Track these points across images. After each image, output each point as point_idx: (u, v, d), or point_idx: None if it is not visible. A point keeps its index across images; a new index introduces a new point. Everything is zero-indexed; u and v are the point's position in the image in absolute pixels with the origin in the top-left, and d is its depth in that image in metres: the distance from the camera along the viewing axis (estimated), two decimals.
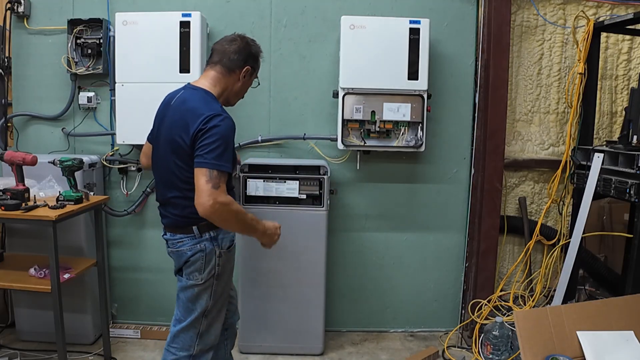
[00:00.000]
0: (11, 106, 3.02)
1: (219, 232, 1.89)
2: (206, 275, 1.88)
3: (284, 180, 2.74)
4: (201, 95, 1.84)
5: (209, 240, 1.87)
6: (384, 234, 3.11)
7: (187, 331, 1.92)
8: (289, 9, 2.95)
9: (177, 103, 1.86)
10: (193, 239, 1.87)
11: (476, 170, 3.00)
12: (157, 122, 1.95)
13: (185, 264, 1.89)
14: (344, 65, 2.74)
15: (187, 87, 1.92)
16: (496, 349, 2.63)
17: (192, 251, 1.87)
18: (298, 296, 2.80)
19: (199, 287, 1.89)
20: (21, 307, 2.89)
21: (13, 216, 2.24)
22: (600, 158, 2.75)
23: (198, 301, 1.91)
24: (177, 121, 1.80)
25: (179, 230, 1.89)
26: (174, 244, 1.91)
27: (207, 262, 1.88)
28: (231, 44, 1.89)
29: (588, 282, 3.24)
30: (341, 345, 3.01)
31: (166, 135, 1.84)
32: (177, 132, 1.78)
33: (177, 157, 1.80)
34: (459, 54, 2.98)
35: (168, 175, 1.85)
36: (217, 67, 1.90)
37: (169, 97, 1.95)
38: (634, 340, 2.17)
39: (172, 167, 1.82)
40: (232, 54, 1.88)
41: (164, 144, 1.85)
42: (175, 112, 1.83)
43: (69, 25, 2.84)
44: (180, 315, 1.93)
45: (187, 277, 1.89)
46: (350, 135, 2.85)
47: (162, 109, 1.94)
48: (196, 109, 1.77)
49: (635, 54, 3.16)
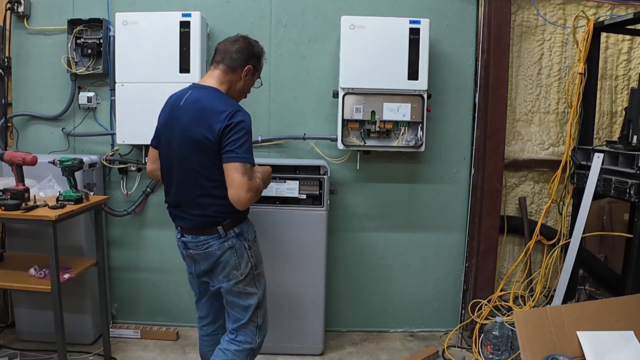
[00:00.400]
0: (11, 106, 3.02)
1: (243, 227, 1.96)
2: (244, 269, 1.95)
3: (284, 180, 2.74)
4: (214, 93, 1.88)
5: (235, 237, 1.93)
6: (384, 234, 3.11)
7: (247, 326, 2.00)
8: (289, 9, 2.95)
9: (188, 103, 1.87)
10: (219, 239, 1.90)
11: (476, 170, 3.00)
12: (165, 125, 1.95)
13: (218, 266, 1.93)
14: (344, 65, 2.74)
15: (194, 86, 1.94)
16: (496, 349, 2.63)
17: (221, 250, 1.91)
18: (298, 296, 2.80)
19: (243, 282, 1.95)
20: (21, 307, 2.89)
21: (13, 216, 2.24)
22: (600, 158, 2.75)
23: (248, 296, 1.98)
24: (195, 120, 1.82)
25: (202, 232, 1.91)
26: (197, 246, 1.93)
27: (240, 257, 1.94)
28: (234, 44, 1.94)
29: (588, 282, 3.24)
30: (341, 345, 3.01)
31: (184, 136, 1.85)
32: (198, 131, 1.80)
33: (201, 156, 1.82)
34: (459, 54, 2.98)
35: (191, 175, 1.87)
36: (220, 66, 1.93)
37: (174, 98, 1.96)
38: (634, 340, 2.17)
39: (195, 167, 1.84)
40: (234, 53, 1.92)
41: (182, 145, 1.86)
42: (189, 111, 1.85)
43: (69, 25, 2.84)
44: (238, 315, 1.99)
45: (226, 278, 1.94)
46: (350, 135, 2.85)
47: (169, 111, 1.95)
48: (215, 106, 1.81)
49: (635, 54, 3.16)
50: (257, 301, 2.01)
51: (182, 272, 3.08)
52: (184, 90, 1.94)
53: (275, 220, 2.76)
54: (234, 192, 1.77)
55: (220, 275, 1.95)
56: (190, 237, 1.94)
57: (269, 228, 2.75)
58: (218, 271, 1.95)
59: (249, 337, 2.01)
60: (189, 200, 1.90)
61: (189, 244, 1.96)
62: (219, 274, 1.95)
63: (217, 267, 1.94)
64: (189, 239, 1.95)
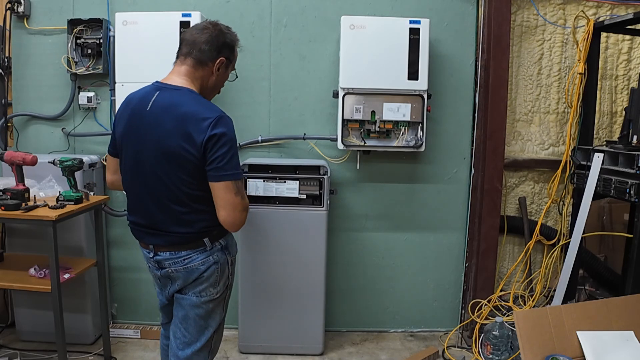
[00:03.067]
0: (11, 106, 3.02)
1: (228, 239, 1.77)
2: (221, 288, 1.76)
3: (284, 180, 2.74)
4: (189, 95, 1.62)
5: (221, 250, 1.73)
6: (384, 234, 3.11)
7: (200, 352, 1.76)
8: (289, 9, 2.95)
9: (159, 108, 1.60)
10: (203, 252, 1.69)
11: (476, 170, 3.00)
12: (127, 132, 1.67)
13: (196, 281, 1.70)
14: (344, 65, 2.74)
15: (160, 86, 1.66)
16: (496, 349, 2.63)
17: (206, 265, 1.69)
18: (298, 296, 2.80)
19: (214, 302, 1.75)
20: (21, 307, 2.89)
21: (13, 216, 2.24)
22: (600, 158, 2.75)
23: (212, 317, 1.77)
24: (171, 130, 1.56)
25: (185, 247, 1.68)
26: (177, 262, 1.69)
27: (222, 273, 1.74)
28: (202, 33, 1.65)
29: (588, 282, 3.23)
30: (341, 345, 3.01)
31: (158, 148, 1.59)
32: (176, 143, 1.55)
33: (181, 171, 1.58)
34: (459, 54, 2.98)
35: (170, 193, 1.62)
36: (187, 60, 1.66)
37: (136, 101, 1.67)
38: (634, 340, 2.17)
39: (175, 183, 1.60)
40: (203, 44, 1.64)
41: (157, 159, 1.60)
42: (163, 119, 1.58)
43: (69, 25, 2.84)
44: (191, 337, 1.74)
45: (199, 294, 1.71)
46: (350, 135, 2.85)
47: (131, 116, 1.66)
48: (195, 112, 1.56)
49: (635, 54, 3.16)
50: (217, 325, 1.80)
51: None
52: (148, 91, 1.66)
53: (275, 220, 2.76)
54: (227, 215, 1.59)
55: (193, 290, 1.72)
56: (168, 253, 1.69)
57: (269, 228, 2.76)
58: (193, 286, 1.72)
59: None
60: (169, 219, 1.65)
61: (164, 263, 1.70)
62: (192, 289, 1.72)
63: (194, 283, 1.71)
64: (165, 256, 1.69)
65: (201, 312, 1.74)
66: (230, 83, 2.96)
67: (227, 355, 2.85)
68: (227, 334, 3.06)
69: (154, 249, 1.72)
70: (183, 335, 1.76)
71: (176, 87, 1.64)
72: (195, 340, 1.75)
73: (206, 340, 1.77)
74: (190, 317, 1.74)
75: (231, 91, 2.97)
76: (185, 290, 1.74)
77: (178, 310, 1.77)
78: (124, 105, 1.72)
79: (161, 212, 1.66)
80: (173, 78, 1.67)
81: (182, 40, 1.70)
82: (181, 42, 1.69)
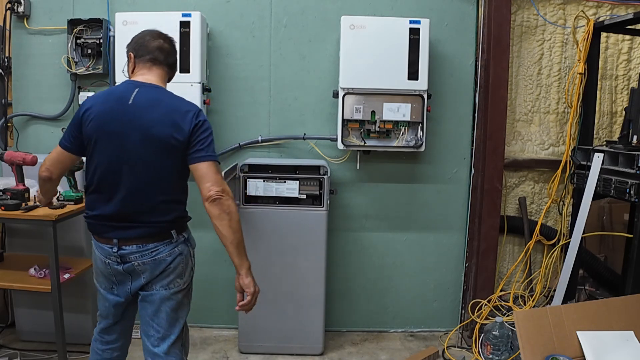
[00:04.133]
0: (11, 106, 3.02)
1: (188, 233, 1.89)
2: (187, 278, 1.85)
3: (284, 180, 2.74)
4: (168, 92, 1.80)
5: (184, 242, 1.83)
6: (384, 234, 3.11)
7: (175, 344, 1.83)
8: (289, 9, 2.95)
9: (142, 101, 1.71)
10: (169, 244, 1.77)
11: (476, 170, 3.00)
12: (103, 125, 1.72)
13: (163, 273, 1.77)
14: (344, 65, 2.74)
15: (138, 84, 1.77)
16: (496, 349, 2.63)
17: (172, 256, 1.78)
18: (298, 296, 2.80)
19: (182, 292, 1.83)
20: (21, 307, 2.89)
21: (13, 216, 2.24)
22: (600, 158, 2.75)
23: (181, 308, 1.85)
24: (160, 120, 1.68)
25: (152, 239, 1.75)
26: (144, 255, 1.74)
27: (186, 264, 1.83)
28: (168, 43, 1.85)
29: (588, 282, 3.23)
30: (341, 345, 3.01)
31: (146, 138, 1.68)
32: (166, 132, 1.68)
33: (168, 159, 1.71)
34: (459, 54, 2.98)
35: (154, 180, 1.72)
36: (162, 66, 1.83)
37: (116, 95, 1.75)
38: (634, 340, 2.17)
39: (160, 171, 1.71)
40: (174, 55, 1.87)
41: (144, 148, 1.69)
42: (149, 110, 1.69)
43: (69, 25, 2.84)
44: (165, 331, 1.81)
45: (167, 287, 1.78)
46: (350, 135, 2.85)
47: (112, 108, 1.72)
48: (180, 106, 1.74)
49: (635, 54, 3.16)
50: (186, 317, 1.88)
51: None
52: (126, 88, 1.76)
53: (275, 220, 2.76)
54: (209, 190, 1.68)
55: (160, 283, 1.78)
56: (135, 246, 1.73)
57: (269, 228, 2.76)
58: (160, 279, 1.78)
59: (179, 358, 1.84)
60: (146, 208, 1.72)
61: (129, 256, 1.74)
62: (159, 282, 1.78)
63: (161, 275, 1.78)
64: (131, 249, 1.73)
65: (172, 304, 1.81)
66: (230, 83, 2.98)
67: (227, 355, 2.85)
68: (227, 334, 3.07)
69: (118, 243, 1.74)
70: (156, 331, 1.81)
71: (154, 85, 1.79)
72: (170, 334, 1.81)
73: (179, 332, 1.83)
74: (162, 310, 1.80)
75: (231, 91, 2.98)
76: (151, 285, 1.79)
77: (146, 309, 1.82)
78: (101, 102, 1.76)
79: (139, 202, 1.73)
80: (149, 78, 1.80)
81: (147, 46, 1.81)
82: (148, 48, 1.81)
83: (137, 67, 1.82)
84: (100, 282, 1.88)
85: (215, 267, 3.08)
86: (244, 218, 2.76)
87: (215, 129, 2.94)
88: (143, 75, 1.80)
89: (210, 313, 3.13)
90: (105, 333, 1.94)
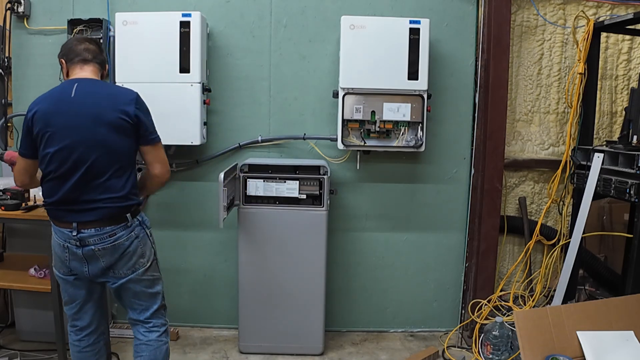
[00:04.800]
0: (11, 106, 3.02)
1: (142, 215, 2.02)
2: (149, 255, 2.00)
3: (284, 180, 2.74)
4: (105, 83, 2.00)
5: (139, 225, 1.96)
6: (384, 234, 3.11)
7: (159, 310, 2.07)
8: (289, 9, 2.95)
9: (84, 93, 1.85)
10: (125, 229, 1.90)
11: (476, 170, 3.01)
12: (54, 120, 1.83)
13: (123, 257, 1.91)
14: (344, 65, 2.74)
15: (76, 80, 1.90)
16: (496, 349, 2.63)
17: (129, 240, 1.91)
18: (298, 296, 2.80)
19: (149, 269, 2.00)
20: (21, 307, 2.89)
21: (13, 216, 2.25)
22: (600, 158, 2.75)
23: (155, 282, 2.04)
24: (106, 106, 1.84)
25: (109, 222, 1.87)
26: (103, 239, 1.86)
27: (144, 245, 1.98)
28: (93, 44, 2.01)
29: (588, 282, 3.24)
30: (341, 345, 3.01)
31: (99, 120, 1.82)
32: (113, 114, 1.83)
33: (119, 137, 1.85)
34: (459, 54, 2.98)
35: (109, 158, 1.84)
36: (92, 63, 1.97)
37: (57, 95, 1.88)
38: (634, 340, 2.18)
39: (112, 147, 1.85)
40: (100, 53, 2.02)
41: (95, 130, 1.82)
42: (92, 98, 1.85)
43: (69, 25, 2.83)
44: (147, 304, 2.03)
45: (132, 269, 1.94)
46: (350, 135, 2.85)
47: (57, 106, 1.85)
48: (118, 92, 1.92)
49: (635, 54, 3.16)
50: (162, 285, 2.09)
51: (182, 272, 3.09)
52: (64, 87, 1.89)
53: (275, 220, 2.76)
54: (162, 167, 1.95)
55: (125, 267, 1.92)
56: (93, 230, 1.84)
57: (269, 228, 2.76)
58: (122, 264, 1.92)
59: (162, 319, 2.09)
60: (101, 185, 1.84)
61: (89, 240, 1.85)
62: (122, 267, 1.92)
63: (122, 260, 1.91)
64: (90, 232, 1.84)
65: (146, 283, 2.00)
66: (230, 83, 2.98)
67: (227, 355, 2.85)
68: (227, 334, 3.08)
69: (77, 227, 1.85)
70: (140, 305, 2.03)
71: (90, 78, 1.95)
72: (152, 304, 2.04)
73: (160, 302, 2.07)
74: (139, 291, 1.99)
75: (231, 91, 2.98)
76: (118, 270, 1.93)
77: (126, 295, 2.00)
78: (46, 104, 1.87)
79: (94, 180, 1.84)
80: (83, 74, 1.94)
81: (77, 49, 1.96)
82: (76, 50, 1.96)
83: (70, 70, 1.97)
84: (58, 267, 1.99)
85: (215, 267, 3.09)
86: (244, 218, 2.76)
87: (215, 128, 2.97)
88: (77, 74, 1.95)
89: (210, 313, 3.13)
90: (75, 320, 2.06)
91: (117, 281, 1.95)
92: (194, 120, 2.74)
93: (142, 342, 2.03)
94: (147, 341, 2.02)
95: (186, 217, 3.06)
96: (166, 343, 2.07)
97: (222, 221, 2.44)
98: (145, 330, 2.04)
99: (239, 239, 2.79)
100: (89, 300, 2.03)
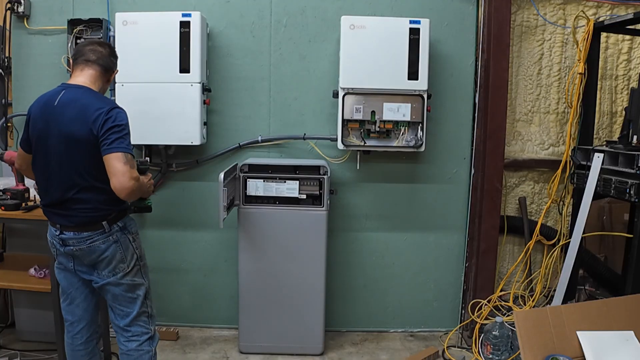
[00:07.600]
0: (11, 106, 3.02)
1: (126, 221, 2.01)
2: (130, 261, 2.00)
3: (284, 180, 2.74)
4: (89, 92, 1.93)
5: (120, 230, 1.97)
6: (384, 234, 3.11)
7: (139, 318, 2.05)
8: (289, 9, 2.95)
9: (63, 102, 1.88)
10: (103, 234, 1.92)
11: (476, 170, 3.00)
12: (38, 124, 1.92)
13: (103, 261, 1.94)
14: (344, 65, 2.74)
15: (66, 86, 1.94)
16: (496, 349, 2.63)
17: (106, 244, 1.93)
18: (298, 296, 2.80)
19: (130, 273, 2.00)
20: (21, 307, 2.89)
21: (13, 216, 2.25)
22: (600, 158, 2.75)
23: (136, 287, 2.03)
24: (74, 118, 1.84)
25: (86, 228, 1.91)
26: (80, 242, 1.92)
27: (126, 250, 1.99)
28: (103, 47, 2.01)
29: (588, 282, 3.24)
30: (341, 345, 3.01)
31: (63, 134, 1.86)
32: (78, 128, 1.83)
33: (82, 152, 1.85)
34: (459, 54, 2.98)
35: (71, 171, 1.87)
36: (94, 65, 1.97)
37: (46, 99, 1.94)
38: (634, 340, 2.17)
39: (76, 163, 1.86)
40: (108, 57, 2.01)
41: (61, 143, 1.86)
42: (67, 110, 1.86)
43: (69, 25, 2.83)
44: (126, 309, 2.03)
45: (112, 272, 1.96)
46: (350, 135, 2.85)
47: (42, 112, 1.92)
48: (92, 104, 1.86)
49: (635, 54, 3.16)
50: (145, 291, 2.07)
51: (182, 272, 3.09)
52: (56, 91, 1.94)
53: (275, 220, 2.76)
54: (117, 181, 1.80)
55: (106, 270, 1.96)
56: (72, 233, 1.92)
57: (269, 228, 2.76)
58: (103, 266, 1.96)
59: (144, 328, 2.06)
60: (70, 197, 1.89)
61: (69, 241, 1.93)
62: (103, 269, 1.96)
63: (102, 263, 1.95)
64: (69, 235, 1.92)
65: (125, 287, 2.01)
66: (230, 83, 2.98)
67: (227, 355, 2.85)
68: (227, 334, 3.07)
69: (60, 228, 1.94)
70: (120, 310, 2.04)
71: (78, 85, 1.94)
72: (131, 310, 2.03)
73: (139, 307, 2.05)
74: (118, 294, 2.01)
75: (231, 91, 2.98)
76: (99, 271, 1.97)
77: (106, 296, 2.04)
78: (35, 105, 1.96)
79: (65, 192, 1.89)
80: (78, 79, 1.95)
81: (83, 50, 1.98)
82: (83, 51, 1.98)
83: (73, 71, 1.99)
84: (53, 257, 2.08)
85: (215, 267, 3.09)
86: (244, 218, 2.76)
87: (215, 128, 2.97)
88: (75, 78, 1.96)
89: (210, 313, 3.14)
90: (67, 313, 2.10)
91: (100, 281, 1.99)
92: (194, 120, 2.74)
93: (122, 352, 2.06)
94: (127, 351, 2.04)
95: (186, 217, 3.06)
96: (149, 352, 2.06)
97: (222, 221, 2.44)
98: (125, 340, 2.05)
99: (239, 239, 2.79)
100: (80, 293, 2.07)
